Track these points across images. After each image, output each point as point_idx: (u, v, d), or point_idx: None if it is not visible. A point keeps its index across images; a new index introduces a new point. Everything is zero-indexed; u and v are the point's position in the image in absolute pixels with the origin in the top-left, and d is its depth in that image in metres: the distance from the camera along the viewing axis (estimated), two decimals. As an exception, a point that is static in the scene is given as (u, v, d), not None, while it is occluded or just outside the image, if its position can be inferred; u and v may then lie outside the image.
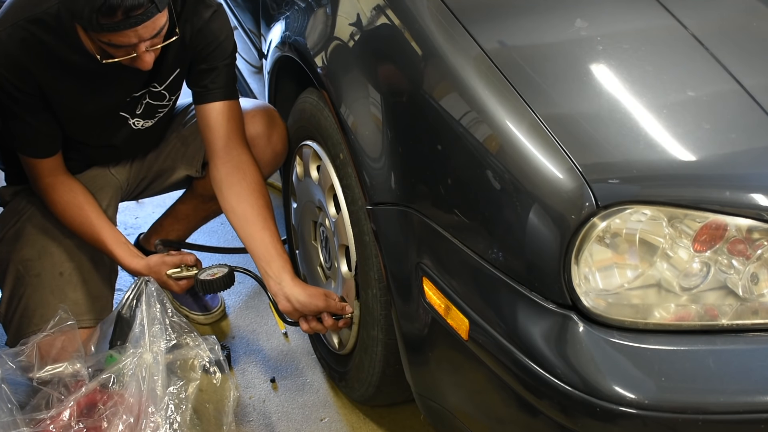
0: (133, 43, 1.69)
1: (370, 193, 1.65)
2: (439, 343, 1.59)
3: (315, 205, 2.01)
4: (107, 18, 1.62)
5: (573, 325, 1.33)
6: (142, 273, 1.97)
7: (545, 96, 1.43)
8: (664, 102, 1.42)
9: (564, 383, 1.31)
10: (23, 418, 1.69)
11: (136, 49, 1.70)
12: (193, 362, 1.81)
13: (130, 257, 1.99)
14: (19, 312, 1.98)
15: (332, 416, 2.07)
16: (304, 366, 2.21)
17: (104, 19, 1.62)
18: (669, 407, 1.28)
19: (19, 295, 1.98)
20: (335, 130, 1.80)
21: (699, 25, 1.53)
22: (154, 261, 1.99)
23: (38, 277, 1.98)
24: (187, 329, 1.84)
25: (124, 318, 1.85)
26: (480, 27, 1.53)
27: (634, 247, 1.34)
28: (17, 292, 1.99)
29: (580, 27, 1.54)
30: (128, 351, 1.77)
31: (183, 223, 2.34)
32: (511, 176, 1.37)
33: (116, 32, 1.65)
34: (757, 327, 1.35)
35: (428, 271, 1.54)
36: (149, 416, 1.71)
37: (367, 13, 1.74)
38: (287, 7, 2.09)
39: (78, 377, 1.78)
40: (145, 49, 1.71)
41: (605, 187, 1.31)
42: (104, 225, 2.00)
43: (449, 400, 1.63)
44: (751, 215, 1.32)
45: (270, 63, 2.17)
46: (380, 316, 1.77)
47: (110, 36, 1.66)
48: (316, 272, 2.10)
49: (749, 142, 1.39)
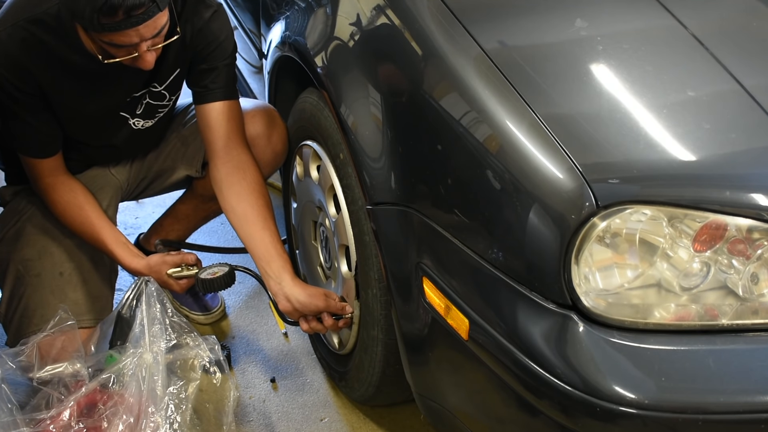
0: (135, 42, 1.69)
1: (370, 193, 1.65)
2: (439, 343, 1.59)
3: (315, 205, 2.01)
4: (108, 18, 1.62)
5: (573, 325, 1.33)
6: (142, 273, 1.97)
7: (545, 96, 1.43)
8: (664, 102, 1.42)
9: (564, 383, 1.31)
10: (23, 418, 1.70)
11: (138, 48, 1.70)
12: (193, 362, 1.81)
13: (130, 257, 1.99)
14: (19, 312, 1.98)
15: (332, 416, 2.07)
16: (304, 366, 2.21)
17: (105, 19, 1.62)
18: (669, 407, 1.28)
19: (19, 295, 1.98)
20: (335, 130, 1.80)
21: (699, 25, 1.53)
22: (154, 261, 1.99)
23: (38, 277, 1.98)
24: (187, 329, 1.84)
25: (124, 318, 1.85)
26: (480, 27, 1.53)
27: (634, 247, 1.34)
28: (17, 292, 1.99)
29: (580, 27, 1.54)
30: (128, 351, 1.77)
31: (183, 223, 2.34)
32: (511, 176, 1.37)
33: (118, 32, 1.65)
34: (757, 327, 1.35)
35: (428, 271, 1.54)
36: (149, 416, 1.71)
37: (367, 13, 1.74)
38: (287, 7, 2.09)
39: (78, 377, 1.78)
40: (146, 48, 1.71)
41: (605, 187, 1.31)
42: (104, 225, 1.99)
43: (449, 400, 1.63)
44: (751, 215, 1.32)
45: (270, 63, 2.17)
46: (380, 316, 1.77)
47: (111, 36, 1.66)
48: (316, 272, 2.10)
49: (749, 142, 1.39)
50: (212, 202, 2.18)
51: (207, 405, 1.84)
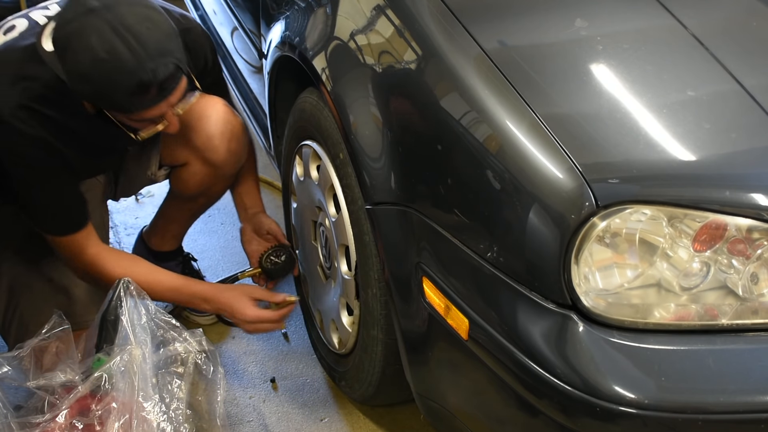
0: (164, 112, 1.69)
1: (370, 193, 1.65)
2: (439, 342, 1.59)
3: (315, 205, 2.01)
4: (142, 97, 1.62)
5: (573, 324, 1.33)
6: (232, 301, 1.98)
7: (545, 96, 1.43)
8: (664, 102, 1.42)
9: (564, 383, 1.31)
10: (17, 421, 1.70)
11: (165, 116, 1.70)
12: (182, 357, 1.81)
13: (221, 290, 2.00)
14: (15, 322, 1.98)
15: (332, 416, 2.07)
16: (304, 366, 2.21)
17: (138, 99, 1.62)
18: (669, 407, 1.28)
19: (13, 306, 1.99)
20: (335, 130, 1.80)
21: (699, 25, 1.53)
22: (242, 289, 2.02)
23: (29, 287, 1.99)
24: (172, 325, 1.83)
25: (108, 320, 1.83)
26: (480, 27, 1.53)
27: (634, 246, 1.34)
28: (12, 303, 1.99)
29: (580, 27, 1.55)
30: (116, 351, 1.76)
31: (175, 224, 2.33)
32: (511, 176, 1.37)
33: (150, 108, 1.65)
34: (757, 327, 1.35)
35: (428, 270, 1.54)
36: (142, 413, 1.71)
37: (367, 13, 1.74)
38: (287, 7, 2.09)
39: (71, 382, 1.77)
40: (173, 113, 1.72)
41: (605, 186, 1.31)
42: (181, 277, 2.01)
43: (449, 400, 1.63)
44: (751, 215, 1.32)
45: (270, 63, 2.17)
46: (380, 316, 1.77)
47: (143, 113, 1.66)
48: (316, 272, 2.10)
49: (749, 142, 1.39)
50: (191, 202, 2.19)
51: (199, 398, 1.83)
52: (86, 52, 1.58)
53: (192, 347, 1.81)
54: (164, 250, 2.32)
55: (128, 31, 1.58)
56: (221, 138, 2.05)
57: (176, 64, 1.64)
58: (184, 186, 2.15)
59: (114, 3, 1.60)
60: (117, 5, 1.60)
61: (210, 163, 2.06)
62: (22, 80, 1.72)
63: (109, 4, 1.59)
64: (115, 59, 1.57)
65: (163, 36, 1.63)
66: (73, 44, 1.59)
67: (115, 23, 1.57)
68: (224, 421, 1.85)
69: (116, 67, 1.58)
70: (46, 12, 1.82)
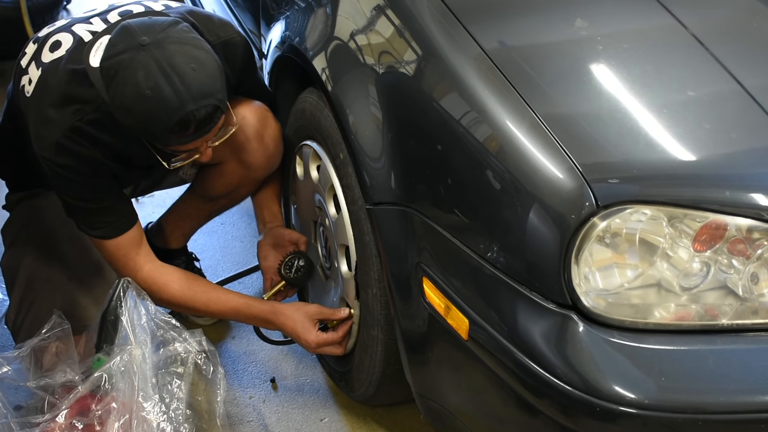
0: (199, 146, 1.73)
1: (370, 193, 1.65)
2: (439, 342, 1.59)
3: (315, 205, 2.01)
4: (180, 135, 1.65)
5: (573, 324, 1.33)
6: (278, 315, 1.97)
7: (545, 96, 1.43)
8: (664, 102, 1.42)
9: (564, 383, 1.31)
10: (17, 421, 1.70)
11: (200, 149, 1.75)
12: (182, 357, 1.81)
13: (281, 310, 1.98)
14: (29, 317, 1.97)
15: (332, 416, 2.07)
16: (304, 366, 2.21)
17: (176, 136, 1.66)
18: (669, 407, 1.28)
19: (29, 301, 1.99)
20: (335, 130, 1.80)
21: (699, 25, 1.53)
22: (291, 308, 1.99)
23: (48, 282, 1.99)
24: (172, 325, 1.84)
25: (108, 321, 1.84)
26: (480, 27, 1.53)
27: (634, 246, 1.34)
28: (27, 298, 1.99)
29: (580, 27, 1.55)
30: (115, 351, 1.76)
31: (187, 221, 2.33)
32: (511, 176, 1.37)
33: (187, 144, 1.69)
34: (757, 327, 1.35)
35: (428, 270, 1.54)
36: (142, 413, 1.71)
37: (367, 13, 1.74)
38: (287, 7, 2.09)
39: (71, 382, 1.77)
40: (207, 146, 1.76)
41: (605, 186, 1.31)
42: (239, 296, 2.00)
43: (449, 400, 1.63)
44: (751, 215, 1.32)
45: (270, 63, 2.17)
46: (380, 316, 1.77)
47: (179, 147, 1.71)
48: (316, 272, 2.10)
49: (749, 142, 1.39)
50: (212, 203, 2.18)
51: (199, 398, 1.84)
52: (132, 86, 1.61)
53: (192, 347, 1.81)
54: (169, 248, 2.32)
55: (174, 70, 1.60)
56: (260, 141, 2.06)
57: (216, 105, 1.67)
58: (210, 185, 2.15)
59: (164, 40, 1.63)
60: (167, 43, 1.62)
61: (246, 165, 2.06)
62: (73, 102, 1.76)
63: (160, 41, 1.62)
64: (159, 97, 1.60)
65: (208, 77, 1.65)
66: (119, 76, 1.62)
67: (162, 61, 1.60)
68: (224, 421, 1.85)
69: (158, 106, 1.61)
70: (90, 27, 1.84)
